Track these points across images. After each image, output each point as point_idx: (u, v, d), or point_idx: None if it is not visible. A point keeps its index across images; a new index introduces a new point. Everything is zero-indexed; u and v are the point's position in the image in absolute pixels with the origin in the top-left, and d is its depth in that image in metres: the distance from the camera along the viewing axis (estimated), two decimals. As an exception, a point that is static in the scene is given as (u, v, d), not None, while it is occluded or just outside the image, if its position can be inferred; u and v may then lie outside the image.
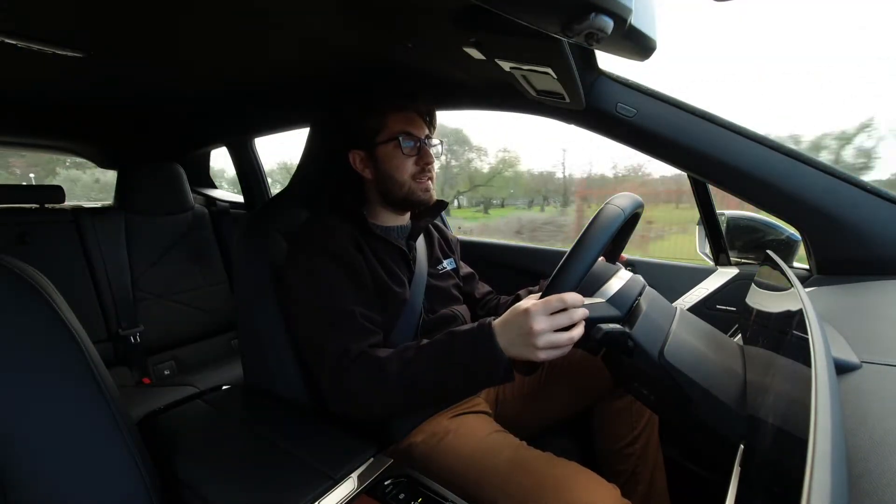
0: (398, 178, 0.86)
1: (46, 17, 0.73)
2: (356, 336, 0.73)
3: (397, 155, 0.85)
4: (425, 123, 0.90)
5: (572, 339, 0.59)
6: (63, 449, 0.55)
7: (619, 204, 0.67)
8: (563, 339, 0.59)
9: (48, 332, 0.56)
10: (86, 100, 1.32)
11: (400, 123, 0.86)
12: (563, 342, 0.59)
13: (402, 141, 0.85)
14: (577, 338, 0.60)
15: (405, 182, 0.86)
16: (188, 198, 1.79)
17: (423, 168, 0.87)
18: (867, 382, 0.45)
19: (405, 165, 0.86)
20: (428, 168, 0.87)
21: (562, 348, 0.60)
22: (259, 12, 0.74)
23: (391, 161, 0.86)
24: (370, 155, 0.87)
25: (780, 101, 11.45)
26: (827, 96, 9.07)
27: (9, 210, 1.48)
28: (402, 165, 0.85)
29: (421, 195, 0.87)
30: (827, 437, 0.27)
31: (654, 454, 0.93)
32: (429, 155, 0.88)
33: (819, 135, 6.95)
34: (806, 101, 15.01)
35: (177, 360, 1.70)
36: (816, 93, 9.38)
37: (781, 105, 10.12)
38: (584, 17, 0.46)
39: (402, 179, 0.86)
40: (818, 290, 0.83)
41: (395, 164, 0.86)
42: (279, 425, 0.76)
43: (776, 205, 0.91)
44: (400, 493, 0.62)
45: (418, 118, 0.88)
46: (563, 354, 0.60)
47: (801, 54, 12.23)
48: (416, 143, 0.86)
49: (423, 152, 0.87)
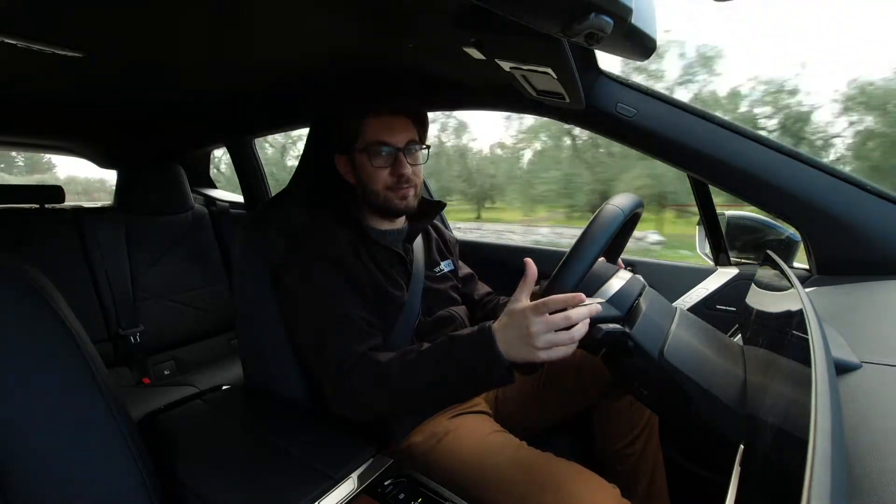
0: (373, 188, 0.83)
1: (46, 17, 0.73)
2: (357, 339, 0.73)
3: (369, 165, 0.82)
4: (413, 125, 0.86)
5: (573, 338, 0.58)
6: (63, 449, 0.55)
7: (618, 203, 0.67)
8: (563, 337, 0.58)
9: (48, 332, 0.56)
10: (86, 100, 1.32)
11: (375, 131, 0.82)
12: (563, 341, 0.58)
13: (375, 151, 0.81)
14: (580, 336, 0.59)
15: (380, 192, 0.83)
16: (188, 198, 1.79)
17: (398, 178, 0.82)
18: (867, 382, 0.45)
19: (378, 176, 0.82)
20: (403, 178, 0.83)
21: (564, 347, 0.59)
22: (259, 12, 0.74)
23: (364, 170, 0.83)
24: (350, 160, 0.86)
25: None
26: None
27: (9, 210, 1.49)
28: (375, 175, 0.82)
29: (397, 203, 0.84)
30: (827, 437, 0.27)
31: (654, 454, 0.93)
32: (403, 165, 0.82)
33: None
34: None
35: (177, 360, 1.70)
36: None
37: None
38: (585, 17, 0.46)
39: (377, 189, 0.83)
40: (818, 290, 0.83)
41: (367, 173, 0.83)
42: (279, 425, 0.76)
43: (776, 205, 0.91)
44: (400, 493, 0.62)
45: (403, 123, 0.84)
46: (567, 354, 0.59)
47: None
48: (391, 153, 0.82)
49: (397, 163, 0.82)
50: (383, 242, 0.86)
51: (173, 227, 1.75)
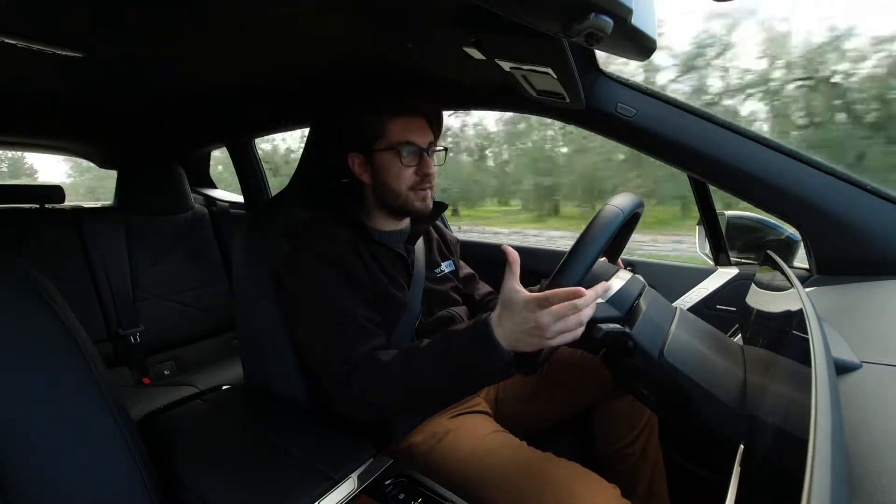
0: (395, 188, 0.83)
1: (46, 17, 0.73)
2: (358, 338, 0.73)
3: (396, 164, 0.82)
4: (431, 128, 0.87)
5: (581, 321, 0.58)
6: (62, 449, 0.55)
7: (618, 204, 0.67)
8: (571, 322, 0.57)
9: (48, 332, 0.56)
10: (86, 100, 1.32)
11: (401, 131, 0.82)
12: (572, 326, 0.58)
13: (403, 151, 0.82)
14: (587, 318, 0.58)
15: (402, 192, 0.83)
16: (188, 198, 1.79)
17: (423, 178, 0.84)
18: (867, 382, 0.45)
19: (404, 175, 0.83)
20: (427, 178, 0.84)
21: (573, 332, 0.58)
22: (259, 12, 0.74)
23: (389, 170, 0.83)
24: (368, 160, 0.85)
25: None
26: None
27: (9, 210, 1.48)
28: (400, 175, 0.83)
29: (418, 205, 0.85)
30: (827, 437, 0.27)
31: (654, 454, 0.93)
32: (429, 165, 0.84)
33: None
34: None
35: (177, 360, 1.70)
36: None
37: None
38: (584, 17, 0.46)
39: (400, 189, 0.83)
40: (818, 290, 0.83)
41: (392, 172, 0.83)
42: (279, 425, 0.76)
43: (776, 205, 0.91)
44: (400, 493, 0.62)
45: (422, 124, 0.85)
46: (576, 337, 0.59)
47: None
48: (416, 152, 0.84)
49: (423, 162, 0.84)
50: (385, 243, 0.86)
51: (173, 227, 1.75)
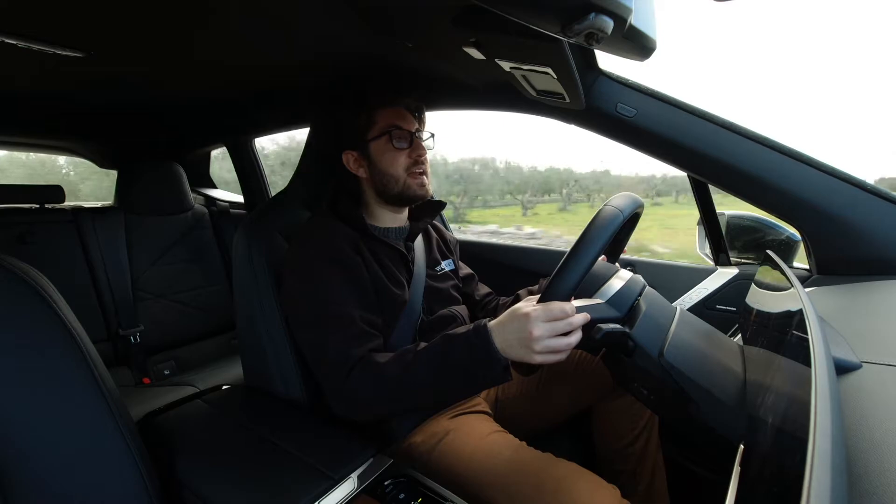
0: (392, 173, 0.86)
1: (46, 17, 0.73)
2: (357, 341, 0.73)
3: (389, 149, 0.85)
4: (414, 118, 0.90)
5: (570, 344, 0.60)
6: (63, 449, 0.55)
7: (617, 205, 0.67)
8: (561, 344, 0.60)
9: (48, 333, 0.56)
10: (86, 100, 1.32)
11: (389, 118, 0.86)
12: (561, 347, 0.60)
13: (393, 134, 0.85)
14: (575, 343, 0.61)
15: (399, 176, 0.86)
16: (188, 198, 1.79)
17: (416, 160, 0.86)
18: (867, 382, 0.45)
19: (398, 159, 0.85)
20: (421, 160, 0.87)
21: (559, 353, 0.61)
22: (259, 12, 0.74)
23: (384, 156, 0.86)
24: (363, 153, 0.87)
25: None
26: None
27: (9, 210, 1.48)
28: (395, 160, 0.85)
29: (417, 190, 0.87)
30: (827, 437, 0.27)
31: (654, 454, 0.93)
32: (421, 147, 0.88)
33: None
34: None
35: (177, 360, 1.70)
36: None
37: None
38: (584, 17, 0.46)
39: (397, 174, 0.86)
40: (818, 290, 0.83)
41: (387, 159, 0.85)
42: (279, 425, 0.76)
43: (776, 205, 0.91)
44: (400, 493, 0.62)
45: (407, 113, 0.88)
46: (560, 360, 0.61)
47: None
48: (406, 135, 0.86)
49: (414, 144, 0.87)
50: (385, 239, 0.87)
51: (173, 227, 1.75)
